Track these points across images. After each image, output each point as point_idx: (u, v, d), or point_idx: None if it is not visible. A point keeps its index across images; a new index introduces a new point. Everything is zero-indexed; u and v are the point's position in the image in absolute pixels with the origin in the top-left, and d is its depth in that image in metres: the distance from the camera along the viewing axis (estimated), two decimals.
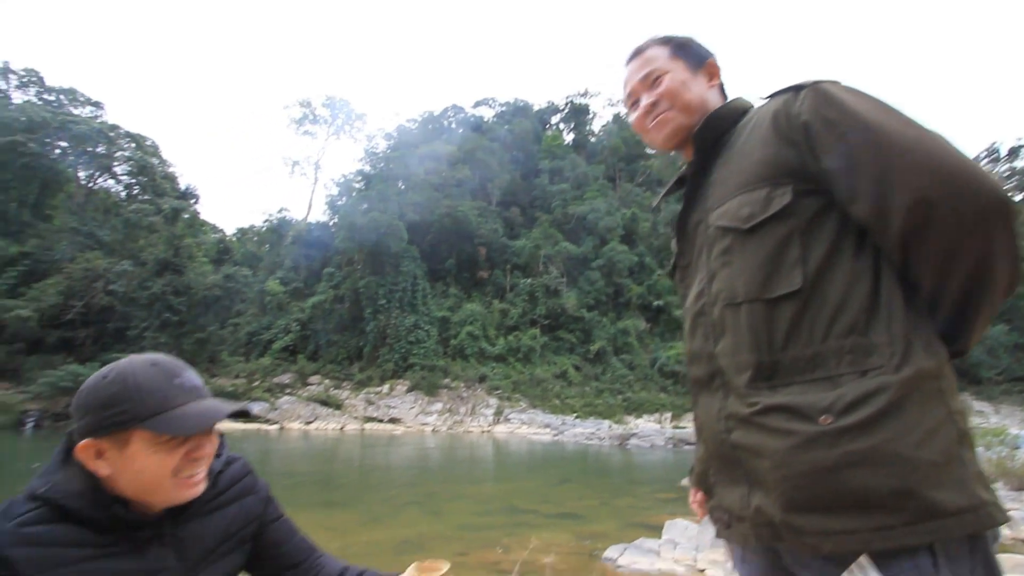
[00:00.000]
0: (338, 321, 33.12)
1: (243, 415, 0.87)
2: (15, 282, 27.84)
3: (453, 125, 52.05)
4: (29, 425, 24.62)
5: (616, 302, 40.10)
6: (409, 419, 28.65)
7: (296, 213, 44.69)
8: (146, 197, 35.89)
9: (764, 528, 0.81)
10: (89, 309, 28.93)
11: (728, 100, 1.03)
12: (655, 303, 39.46)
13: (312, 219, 42.66)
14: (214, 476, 0.91)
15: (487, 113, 55.39)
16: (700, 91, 1.02)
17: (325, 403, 28.55)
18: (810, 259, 0.80)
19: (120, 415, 0.77)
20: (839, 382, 0.76)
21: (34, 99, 33.96)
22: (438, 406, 29.58)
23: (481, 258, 39.99)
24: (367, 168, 43.73)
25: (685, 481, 11.93)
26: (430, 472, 15.91)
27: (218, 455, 0.94)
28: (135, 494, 0.81)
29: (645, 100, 1.04)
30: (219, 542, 0.90)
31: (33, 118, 30.45)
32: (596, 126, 58.97)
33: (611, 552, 6.02)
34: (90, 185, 34.89)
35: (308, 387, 29.77)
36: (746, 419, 0.83)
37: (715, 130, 0.97)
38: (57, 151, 32.18)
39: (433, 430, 27.89)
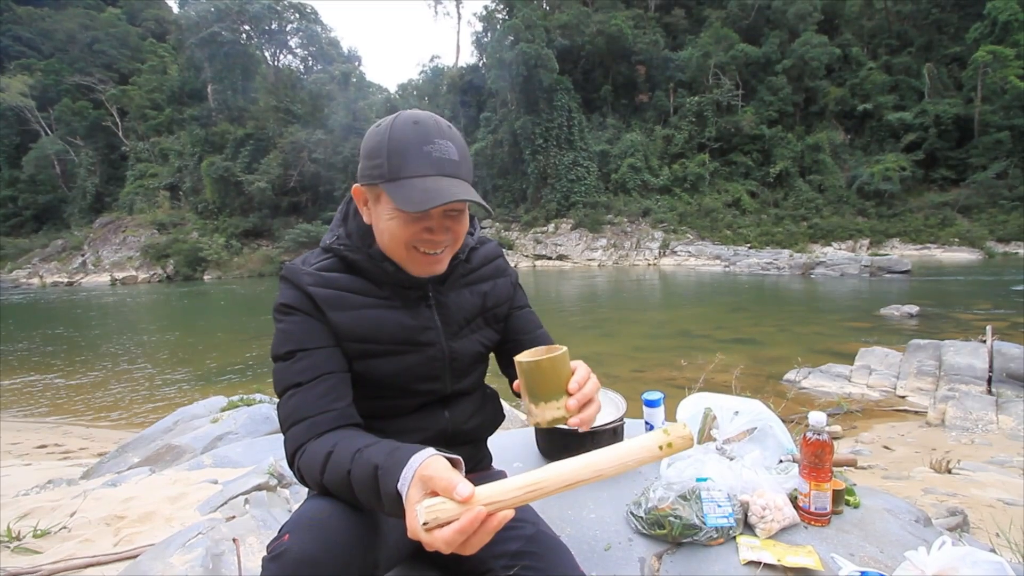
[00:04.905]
0: (500, 165, 34.31)
1: (481, 208, 0.78)
2: (249, 159, 34.18)
3: None
4: None
5: (806, 112, 33.66)
6: (575, 255, 30.14)
7: (447, 60, 44.50)
8: (319, 67, 39.02)
9: None
10: (303, 176, 34.63)
11: None
12: (860, 107, 32.08)
13: (462, 63, 42.17)
14: (468, 251, 0.96)
15: None
16: None
17: (498, 243, 31.42)
18: None
19: (373, 169, 0.78)
20: None
21: None
22: (602, 242, 30.31)
23: (640, 79, 35.98)
24: None
25: (885, 309, 10.92)
26: (600, 301, 17.12)
27: (471, 233, 0.97)
28: (388, 254, 0.85)
29: None
30: (476, 314, 0.96)
31: (219, 7, 33.85)
32: None
33: (792, 375, 6.13)
34: (275, 64, 38.90)
35: (482, 230, 32.17)
36: None
37: None
38: (243, 36, 35.87)
39: (599, 265, 29.09)
